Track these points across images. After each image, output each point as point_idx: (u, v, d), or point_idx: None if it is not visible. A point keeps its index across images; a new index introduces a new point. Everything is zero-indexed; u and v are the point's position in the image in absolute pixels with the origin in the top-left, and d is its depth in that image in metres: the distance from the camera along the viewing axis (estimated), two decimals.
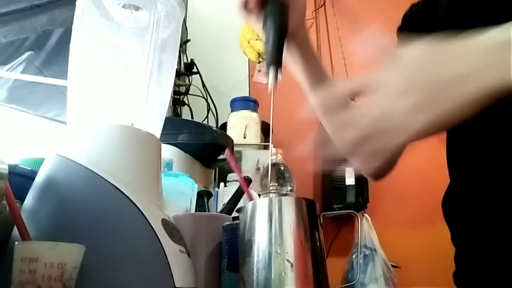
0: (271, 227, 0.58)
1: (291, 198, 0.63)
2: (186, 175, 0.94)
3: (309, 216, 0.59)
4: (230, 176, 1.30)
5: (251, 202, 0.62)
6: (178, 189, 0.86)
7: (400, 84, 0.40)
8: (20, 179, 0.58)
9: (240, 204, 0.83)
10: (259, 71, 1.55)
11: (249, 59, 1.55)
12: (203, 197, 0.89)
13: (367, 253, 1.75)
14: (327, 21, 2.39)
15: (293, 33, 0.62)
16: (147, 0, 0.66)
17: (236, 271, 0.61)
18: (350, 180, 1.86)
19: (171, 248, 0.52)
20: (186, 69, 1.93)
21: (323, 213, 0.63)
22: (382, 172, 0.70)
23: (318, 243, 0.60)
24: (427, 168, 2.09)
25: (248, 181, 0.88)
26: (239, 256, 0.61)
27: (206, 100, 1.91)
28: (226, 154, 0.77)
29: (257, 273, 0.56)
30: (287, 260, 0.56)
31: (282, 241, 0.57)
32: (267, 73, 0.58)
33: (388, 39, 0.44)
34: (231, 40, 1.75)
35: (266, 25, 0.59)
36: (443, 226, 0.83)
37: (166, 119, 0.70)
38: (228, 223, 0.67)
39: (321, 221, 0.62)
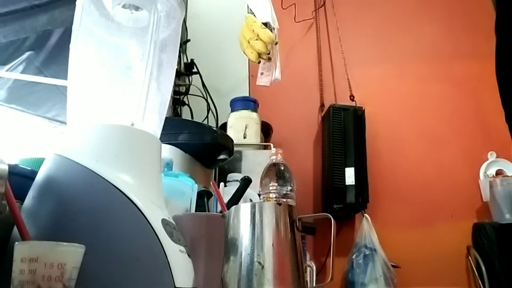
0: (245, 231, 0.62)
1: (265, 203, 0.68)
2: (186, 175, 0.94)
3: (283, 220, 0.62)
4: (230, 176, 1.30)
5: (233, 207, 0.66)
6: (178, 189, 0.86)
7: None
8: (20, 179, 0.58)
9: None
10: (262, 73, 1.55)
11: (249, 59, 1.55)
12: (203, 197, 0.89)
13: (367, 253, 1.75)
14: (327, 21, 2.39)
15: None
16: (147, 0, 0.66)
17: None
18: (350, 180, 1.86)
19: (171, 248, 0.52)
20: (186, 69, 1.93)
21: (298, 217, 0.66)
22: None
23: (291, 246, 0.62)
24: (427, 168, 2.09)
25: (248, 181, 0.88)
26: (224, 256, 0.64)
27: (206, 100, 1.91)
28: (212, 184, 0.82)
29: (233, 273, 0.60)
30: (258, 262, 0.59)
31: (254, 244, 0.61)
32: None
33: None
34: (231, 40, 1.75)
35: None
36: (443, 226, 0.83)
37: (166, 119, 0.70)
38: None
39: (297, 225, 0.65)
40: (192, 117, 1.89)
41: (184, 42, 1.96)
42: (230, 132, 1.66)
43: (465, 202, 2.03)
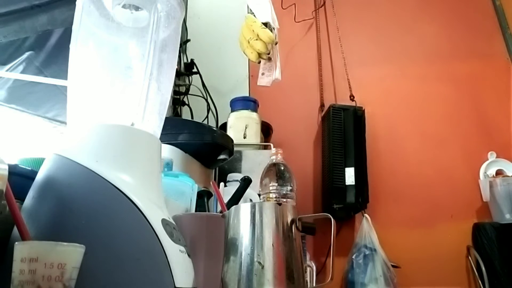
0: (245, 231, 0.62)
1: (265, 203, 0.68)
2: (186, 175, 0.94)
3: (283, 220, 0.63)
4: (230, 176, 1.30)
5: (233, 207, 0.66)
6: (178, 189, 0.86)
7: None
8: (20, 179, 0.58)
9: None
10: (263, 74, 1.54)
11: (249, 59, 1.55)
12: (203, 197, 0.89)
13: (367, 253, 1.75)
14: (327, 21, 2.39)
15: None
16: (147, 0, 0.66)
17: None
18: (350, 180, 1.86)
19: (171, 248, 0.52)
20: (186, 69, 1.93)
21: (298, 217, 0.66)
22: None
23: (291, 246, 0.62)
24: (427, 168, 2.09)
25: (248, 181, 0.88)
26: (224, 256, 0.64)
27: (206, 100, 1.91)
28: (212, 184, 0.82)
29: (233, 273, 0.60)
30: (258, 262, 0.59)
31: (254, 244, 0.61)
32: None
33: None
34: (231, 40, 1.75)
35: None
36: (443, 226, 0.83)
37: (166, 119, 0.70)
38: None
39: (297, 225, 0.65)
40: (192, 117, 1.89)
41: (184, 42, 1.96)
42: (230, 132, 1.66)
43: (465, 202, 2.03)
